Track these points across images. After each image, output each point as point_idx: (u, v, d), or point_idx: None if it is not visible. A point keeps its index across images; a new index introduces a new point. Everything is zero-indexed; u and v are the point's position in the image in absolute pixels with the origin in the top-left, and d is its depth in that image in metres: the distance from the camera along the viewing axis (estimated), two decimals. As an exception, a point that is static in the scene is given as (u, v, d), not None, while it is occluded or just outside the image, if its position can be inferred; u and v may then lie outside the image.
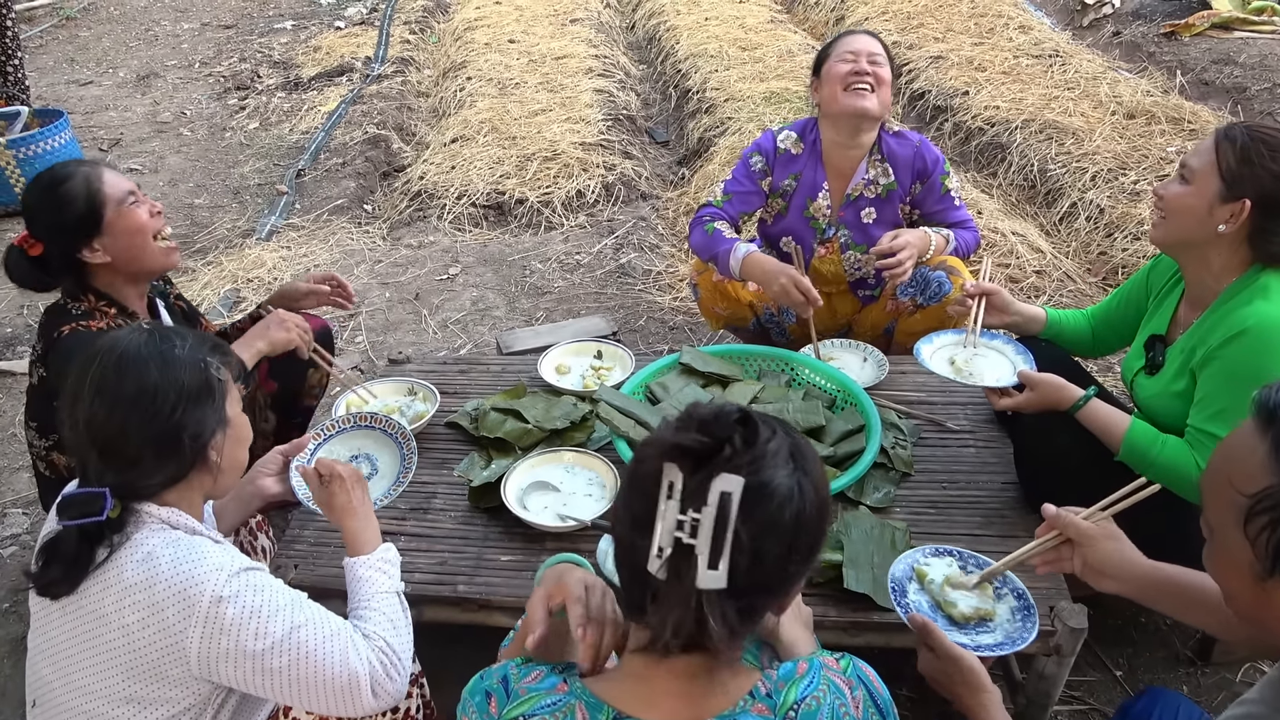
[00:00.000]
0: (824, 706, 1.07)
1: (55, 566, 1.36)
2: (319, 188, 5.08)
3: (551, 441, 2.22)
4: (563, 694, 1.09)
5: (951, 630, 1.53)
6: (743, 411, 1.04)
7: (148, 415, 1.36)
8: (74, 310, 1.99)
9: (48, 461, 2.15)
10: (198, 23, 8.88)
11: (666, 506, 0.96)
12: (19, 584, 2.52)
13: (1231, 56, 5.38)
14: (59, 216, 1.95)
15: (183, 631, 1.32)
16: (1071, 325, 2.30)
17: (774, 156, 2.70)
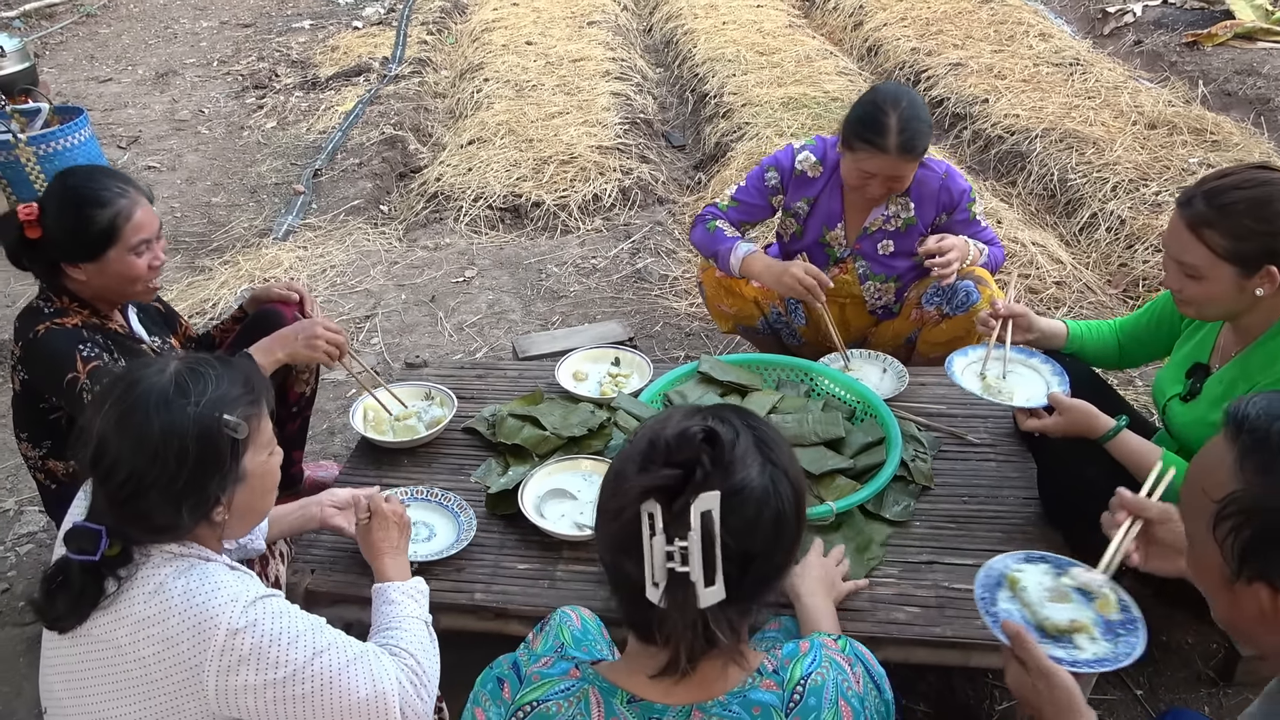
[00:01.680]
0: (828, 682, 1.11)
1: (60, 600, 1.32)
2: (335, 188, 5.08)
3: (569, 449, 2.21)
4: (575, 679, 1.12)
5: (1045, 643, 1.42)
6: (705, 429, 1.04)
7: (148, 478, 1.30)
8: (47, 310, 1.98)
9: (45, 470, 2.15)
10: (216, 21, 8.92)
11: (653, 543, 0.97)
12: (35, 584, 2.51)
13: (1255, 67, 5.33)
14: (70, 233, 1.93)
15: (198, 666, 1.29)
16: (1095, 340, 2.27)
17: (789, 176, 2.65)
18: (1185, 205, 1.77)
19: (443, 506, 2.03)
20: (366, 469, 2.22)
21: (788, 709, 1.07)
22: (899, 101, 2.34)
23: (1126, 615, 1.47)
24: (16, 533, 2.69)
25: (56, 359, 1.90)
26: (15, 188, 4.86)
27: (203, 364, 1.39)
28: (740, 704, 1.07)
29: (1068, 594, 1.51)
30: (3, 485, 2.90)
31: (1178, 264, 1.81)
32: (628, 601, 1.07)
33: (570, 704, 1.09)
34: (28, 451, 2.12)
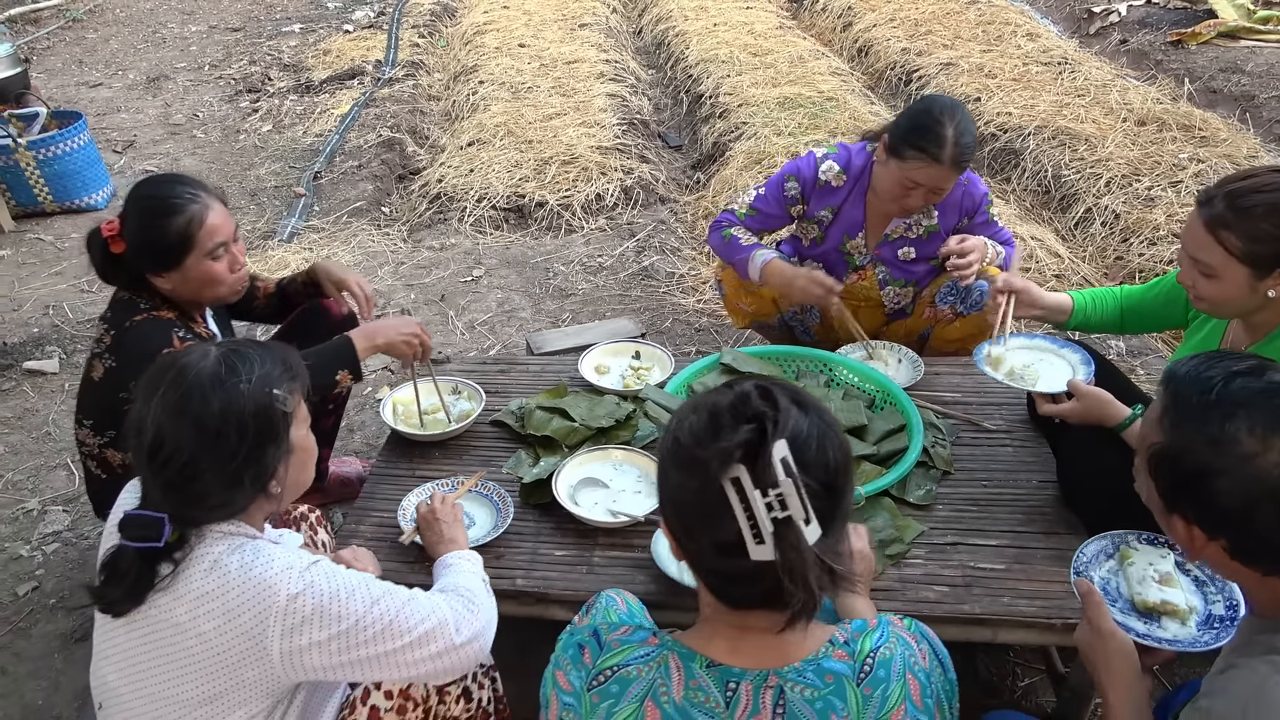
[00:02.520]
0: (895, 656, 1.15)
1: (116, 585, 1.37)
2: (336, 190, 5.11)
3: (597, 440, 2.25)
4: (653, 646, 1.17)
5: (1129, 615, 1.49)
6: (758, 387, 1.10)
7: (209, 458, 1.35)
8: (143, 305, 2.02)
9: (100, 459, 2.17)
10: (205, 25, 8.90)
11: (750, 498, 1.01)
12: (64, 581, 2.54)
13: (1239, 65, 5.45)
14: (147, 243, 1.97)
15: (261, 635, 1.34)
16: (1098, 312, 2.31)
17: (812, 187, 2.64)
18: (1205, 205, 1.80)
19: (481, 495, 2.08)
20: (399, 462, 2.26)
21: (859, 679, 1.12)
22: (955, 113, 2.34)
23: (1232, 613, 1.52)
24: (41, 532, 2.71)
25: (153, 340, 1.94)
26: (15, 193, 4.87)
27: (242, 346, 1.45)
28: (814, 671, 1.11)
29: (1175, 580, 1.56)
30: (25, 486, 2.91)
31: (1193, 261, 1.84)
32: (722, 577, 1.11)
33: (650, 668, 1.14)
34: (86, 438, 2.14)
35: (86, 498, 2.81)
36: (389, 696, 1.52)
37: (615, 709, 1.14)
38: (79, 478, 2.93)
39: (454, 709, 1.59)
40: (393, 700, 1.52)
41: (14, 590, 2.51)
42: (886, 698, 1.12)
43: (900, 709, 1.12)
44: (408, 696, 1.54)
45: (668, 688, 1.13)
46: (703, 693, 1.12)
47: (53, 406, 3.30)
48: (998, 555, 1.95)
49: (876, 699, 1.12)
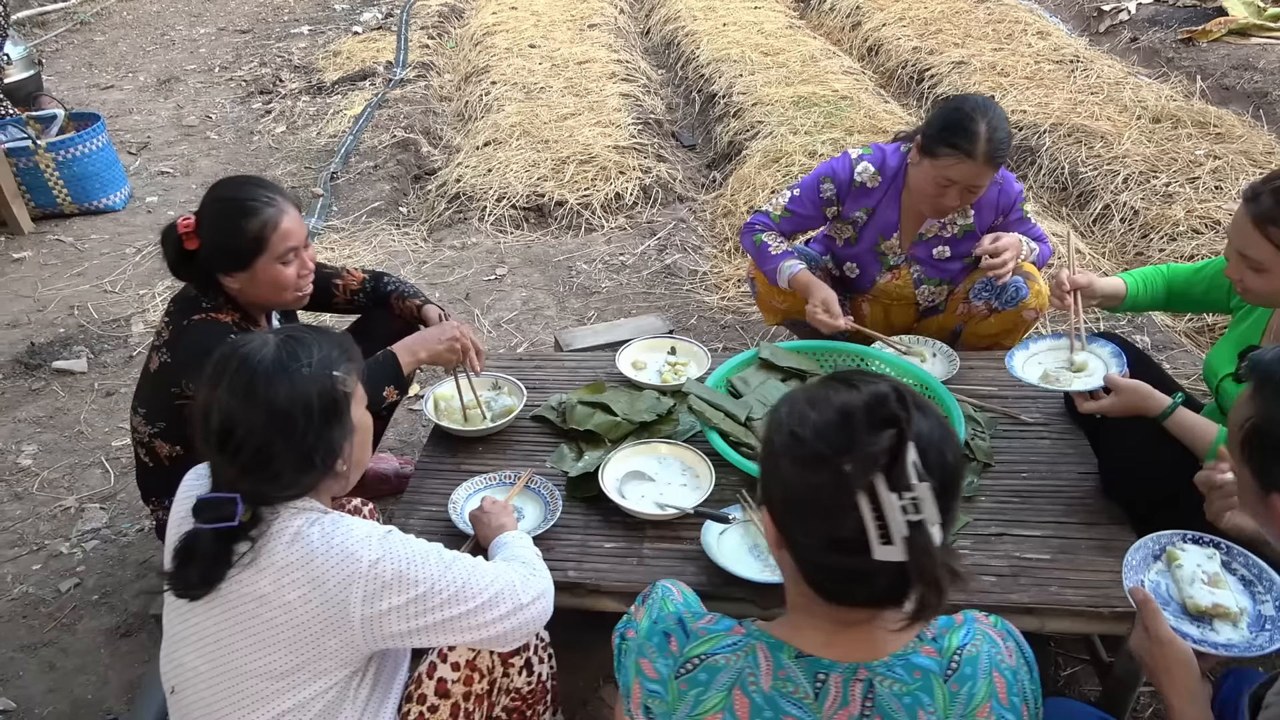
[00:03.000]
0: (982, 654, 1.15)
1: (192, 568, 1.40)
2: (353, 190, 5.13)
3: (639, 434, 2.27)
4: (740, 635, 1.17)
5: (1181, 620, 1.49)
6: (892, 389, 1.09)
7: (280, 441, 1.39)
8: (205, 303, 2.04)
9: (149, 448, 2.19)
10: (213, 27, 8.91)
11: (884, 501, 1.00)
12: (106, 577, 2.56)
13: (1250, 62, 5.48)
14: (223, 241, 2.00)
15: (345, 601, 1.38)
16: (1148, 293, 2.33)
17: (848, 189, 2.65)
18: (1252, 201, 1.82)
19: (529, 489, 2.10)
20: (443, 457, 2.28)
21: (945, 675, 1.12)
22: (987, 110, 2.34)
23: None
24: (80, 529, 2.73)
25: (207, 344, 1.95)
26: (34, 194, 4.88)
27: (298, 331, 1.49)
28: (903, 666, 1.11)
29: (1223, 580, 1.55)
30: (61, 484, 2.93)
31: (1241, 256, 1.87)
32: (828, 572, 1.10)
33: (738, 657, 1.14)
34: (139, 425, 2.16)
35: (122, 495, 2.84)
36: (455, 668, 1.55)
37: (703, 697, 1.14)
38: (114, 476, 2.95)
39: (517, 680, 1.62)
40: (459, 671, 1.54)
41: (56, 587, 2.53)
42: (973, 695, 1.12)
43: (986, 706, 1.12)
44: (474, 668, 1.56)
45: (756, 677, 1.13)
46: (791, 683, 1.12)
47: (83, 406, 3.31)
48: (1043, 545, 1.98)
49: (963, 696, 1.12)
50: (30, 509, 2.83)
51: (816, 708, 1.11)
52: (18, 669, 2.30)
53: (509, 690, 1.64)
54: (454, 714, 1.56)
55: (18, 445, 3.12)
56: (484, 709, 1.62)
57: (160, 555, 2.55)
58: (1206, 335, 3.35)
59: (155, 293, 4.08)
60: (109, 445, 3.10)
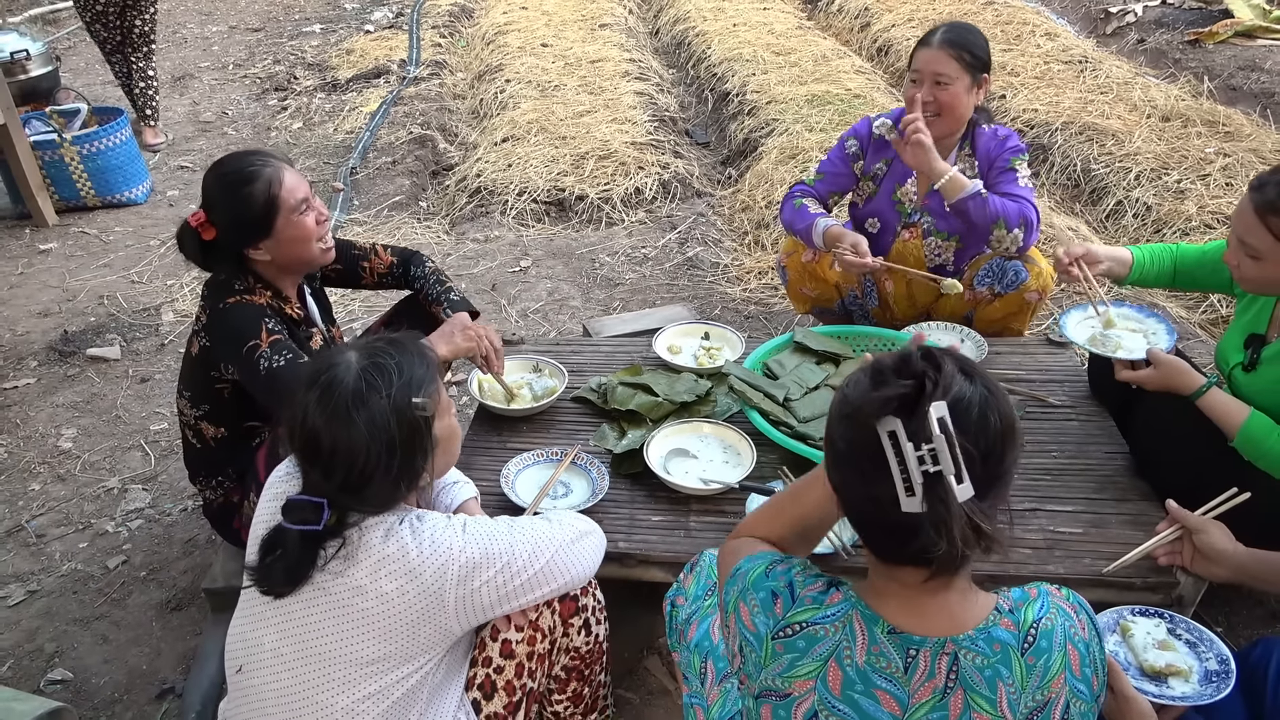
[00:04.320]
0: (1057, 627, 1.20)
1: (278, 567, 1.46)
2: (373, 185, 5.19)
3: (679, 414, 2.34)
4: (838, 603, 1.22)
5: (1142, 680, 1.65)
6: (922, 349, 1.17)
7: (361, 469, 1.43)
8: (237, 286, 2.09)
9: (196, 430, 2.25)
10: (225, 25, 8.97)
11: (904, 450, 1.07)
12: (152, 555, 2.61)
13: (1257, 63, 5.57)
14: (236, 216, 2.04)
15: (440, 590, 1.45)
16: (1155, 268, 2.40)
17: (868, 142, 2.84)
18: (1257, 190, 1.89)
19: (575, 465, 2.16)
20: (489, 436, 2.34)
21: (1023, 649, 1.17)
22: (954, 21, 2.65)
23: (1224, 666, 1.67)
24: (124, 509, 2.78)
25: (244, 328, 2.01)
26: (58, 187, 4.94)
27: (380, 353, 1.51)
28: (985, 640, 1.16)
29: (1173, 645, 1.72)
30: (103, 465, 2.99)
31: (1240, 242, 1.94)
32: (877, 527, 1.17)
33: (836, 629, 1.19)
34: (185, 409, 2.21)
35: (164, 477, 2.90)
36: (519, 629, 1.60)
37: (799, 662, 1.20)
38: (154, 458, 3.01)
39: (576, 640, 1.68)
40: (523, 632, 1.60)
41: (104, 564, 2.58)
42: (1049, 667, 1.17)
43: (1060, 678, 1.17)
44: (536, 628, 1.62)
45: (851, 651, 1.18)
46: (884, 658, 1.17)
47: (119, 391, 3.37)
48: (1074, 520, 2.05)
49: (1040, 668, 1.16)
50: (74, 490, 2.88)
51: (905, 680, 1.16)
52: (72, 641, 2.35)
53: (568, 650, 1.70)
54: (518, 673, 1.62)
55: (57, 429, 3.17)
56: (545, 668, 1.68)
57: (204, 533, 2.63)
58: (1221, 327, 3.42)
59: (183, 283, 4.13)
60: (147, 429, 3.15)
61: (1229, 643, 2.15)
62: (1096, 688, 1.23)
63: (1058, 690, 1.17)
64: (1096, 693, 1.23)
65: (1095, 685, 1.22)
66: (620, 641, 2.17)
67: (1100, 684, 1.24)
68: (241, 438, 2.25)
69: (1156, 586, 1.90)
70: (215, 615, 2.28)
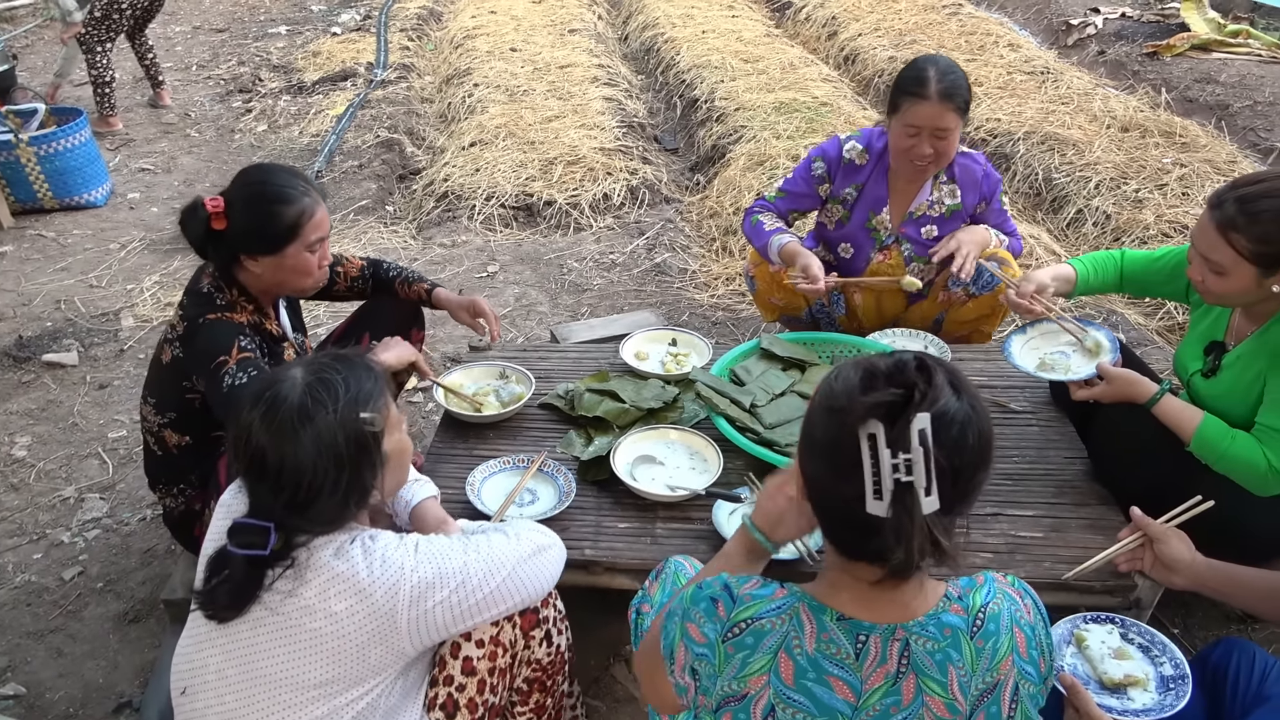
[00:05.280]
0: (1003, 611, 1.23)
1: (222, 590, 1.42)
2: (339, 189, 5.14)
3: (646, 420, 2.34)
4: (784, 597, 1.23)
5: (1103, 694, 1.65)
6: (917, 358, 1.17)
7: (308, 487, 1.40)
8: (219, 301, 2.07)
9: (158, 437, 2.22)
10: (188, 26, 8.85)
11: (880, 455, 1.08)
12: (109, 565, 2.56)
13: (1212, 76, 5.69)
14: (256, 225, 2.03)
15: (392, 610, 1.42)
16: (1099, 277, 2.43)
17: (837, 166, 2.78)
18: (1216, 207, 1.92)
19: (542, 472, 2.15)
20: (455, 443, 2.32)
21: (972, 632, 1.19)
22: (936, 60, 2.55)
23: (1178, 671, 1.69)
24: (81, 519, 2.73)
25: (218, 343, 1.99)
26: (14, 189, 4.85)
27: (326, 369, 1.48)
28: (935, 625, 1.18)
29: (1128, 652, 1.73)
30: (59, 475, 2.93)
31: (1204, 260, 1.97)
32: (839, 521, 1.18)
33: (783, 620, 1.20)
34: (149, 415, 2.18)
35: (122, 486, 2.85)
36: (480, 645, 1.59)
37: (750, 659, 1.20)
38: (112, 466, 2.95)
39: (538, 651, 1.67)
40: (484, 648, 1.58)
41: (59, 575, 2.53)
42: (997, 650, 1.19)
43: (1009, 659, 1.20)
44: (497, 642, 1.60)
45: (800, 640, 1.19)
46: (834, 644, 1.18)
47: (76, 398, 3.31)
48: (1035, 525, 2.07)
49: (988, 651, 1.19)
50: (28, 499, 2.82)
51: (857, 667, 1.18)
52: (25, 655, 2.30)
53: (530, 661, 1.69)
54: (480, 690, 1.60)
55: (10, 437, 3.10)
56: (506, 681, 1.66)
57: (164, 543, 2.58)
58: (1177, 333, 3.49)
59: (143, 287, 4.07)
60: (105, 436, 3.09)
61: (1186, 646, 2.21)
62: (1044, 669, 1.25)
63: (1006, 672, 1.20)
64: (1044, 674, 1.26)
65: (1043, 667, 1.25)
66: (587, 650, 2.17)
67: (1048, 667, 1.26)
68: (205, 446, 2.22)
69: (1115, 590, 1.94)
70: (174, 627, 2.24)
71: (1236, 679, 1.70)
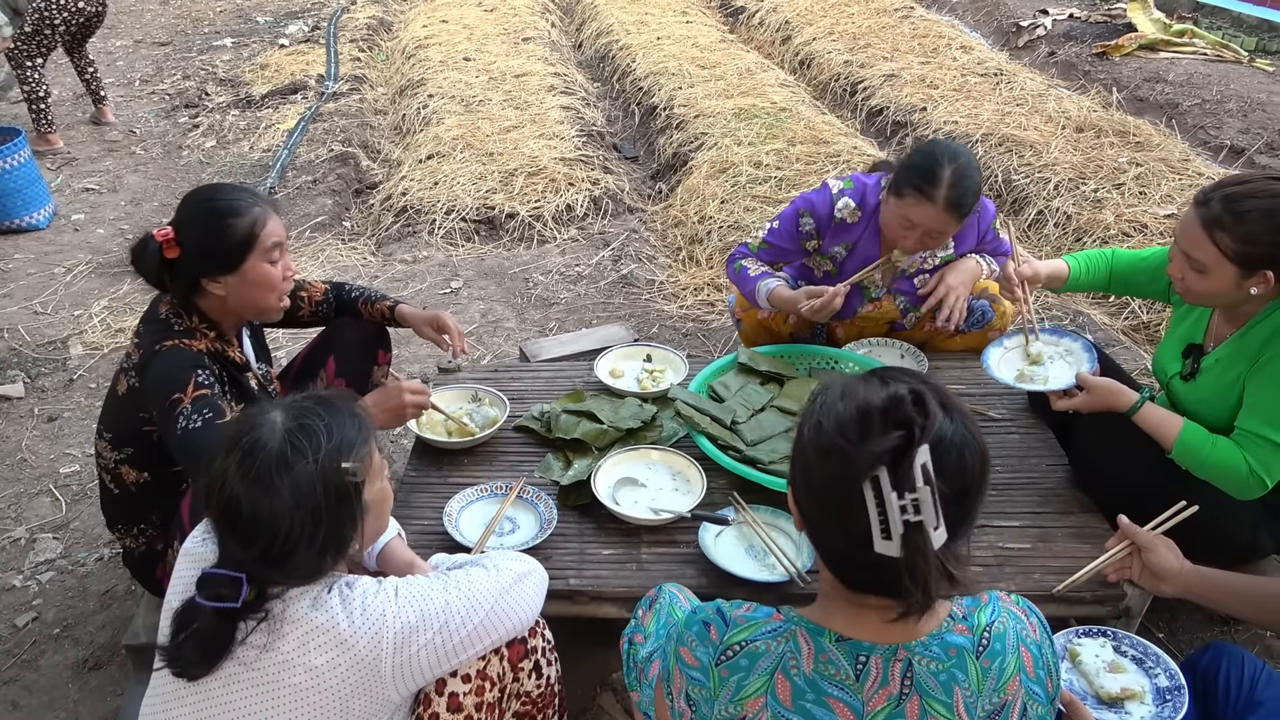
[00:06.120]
0: (1009, 630, 1.20)
1: (191, 646, 1.34)
2: (294, 205, 5.01)
3: (625, 441, 2.28)
4: (780, 622, 1.20)
5: (1100, 709, 1.63)
6: (911, 390, 1.12)
7: (283, 540, 1.33)
8: (177, 327, 1.97)
9: (115, 474, 2.11)
10: (129, 40, 8.62)
11: (886, 498, 1.04)
12: (66, 610, 2.45)
13: (1161, 75, 5.80)
14: (210, 243, 1.94)
15: (376, 659, 1.36)
16: (1090, 276, 2.43)
17: (828, 224, 2.61)
18: (1202, 205, 1.92)
19: (521, 499, 2.09)
20: (430, 469, 2.25)
21: (978, 651, 1.16)
22: (956, 157, 2.34)
23: (1174, 682, 1.67)
24: (33, 561, 2.60)
25: (172, 376, 1.89)
26: (-49, 212, 4.64)
27: (308, 413, 1.40)
28: (939, 645, 1.16)
29: (1123, 665, 1.72)
30: (8, 514, 2.79)
31: (1185, 256, 1.97)
32: (843, 559, 1.15)
33: (779, 642, 1.17)
34: (104, 451, 2.08)
35: (76, 524, 2.73)
36: (466, 680, 1.52)
37: (745, 682, 1.17)
38: (65, 504, 2.82)
39: (527, 684, 1.61)
40: (470, 683, 1.52)
41: (12, 622, 2.41)
42: (1004, 669, 1.17)
43: (1015, 679, 1.17)
44: (485, 676, 1.54)
45: (798, 661, 1.16)
46: (833, 665, 1.15)
47: (24, 432, 3.16)
48: (1022, 535, 2.06)
49: (995, 670, 1.16)
50: (-25, 542, 2.69)
51: (858, 688, 1.15)
52: (-23, 710, 2.18)
53: (519, 695, 1.63)
54: None
55: (-46, 475, 2.96)
56: (495, 717, 1.60)
57: (124, 584, 2.47)
58: (1143, 332, 3.52)
59: (92, 313, 3.92)
60: (57, 472, 2.96)
61: (1173, 650, 2.22)
62: (1051, 689, 1.23)
63: (1014, 692, 1.17)
64: (1051, 694, 1.23)
65: (1050, 687, 1.23)
66: (572, 679, 2.10)
67: (1055, 686, 1.24)
68: (166, 482, 2.12)
69: (1104, 599, 1.92)
70: (138, 674, 2.14)
71: (1227, 685, 1.70)
